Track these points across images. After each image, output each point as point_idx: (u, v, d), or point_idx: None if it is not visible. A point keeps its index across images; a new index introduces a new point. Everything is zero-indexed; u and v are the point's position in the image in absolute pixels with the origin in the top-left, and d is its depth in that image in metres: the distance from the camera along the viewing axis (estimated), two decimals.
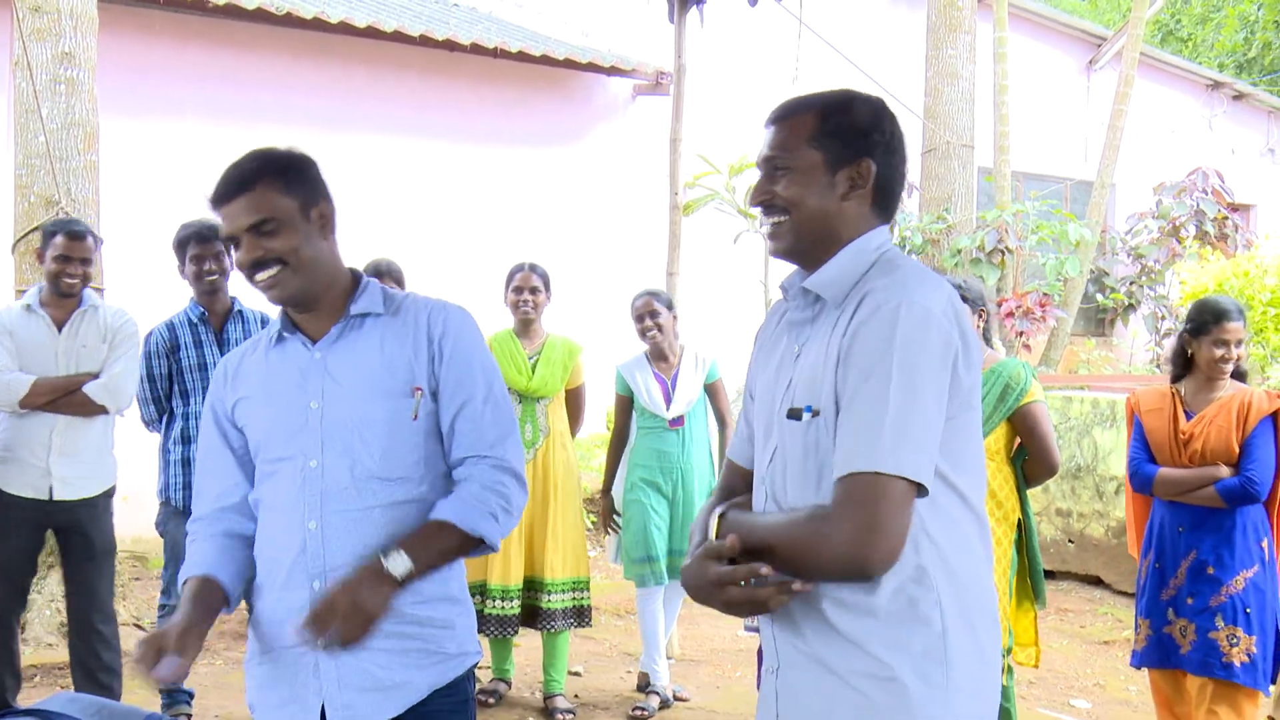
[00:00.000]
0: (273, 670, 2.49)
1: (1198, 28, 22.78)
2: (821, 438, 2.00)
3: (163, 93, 8.73)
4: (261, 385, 2.55)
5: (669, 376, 5.73)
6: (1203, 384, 4.60)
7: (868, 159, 2.08)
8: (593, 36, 11.06)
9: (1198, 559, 4.51)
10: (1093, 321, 13.84)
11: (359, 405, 2.45)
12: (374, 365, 2.48)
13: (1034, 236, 10.20)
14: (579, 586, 5.75)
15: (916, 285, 1.97)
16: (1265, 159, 15.75)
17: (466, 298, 8.48)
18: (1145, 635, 4.64)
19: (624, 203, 10.48)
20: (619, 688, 6.10)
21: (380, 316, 2.52)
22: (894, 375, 1.89)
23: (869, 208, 2.11)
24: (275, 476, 2.49)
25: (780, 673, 2.09)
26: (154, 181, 8.49)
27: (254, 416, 2.54)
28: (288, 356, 2.54)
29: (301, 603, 2.37)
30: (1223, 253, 11.67)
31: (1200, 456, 4.51)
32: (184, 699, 5.23)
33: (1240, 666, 4.39)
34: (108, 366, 4.94)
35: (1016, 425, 4.47)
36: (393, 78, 9.72)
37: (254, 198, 2.40)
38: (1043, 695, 6.03)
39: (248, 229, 2.40)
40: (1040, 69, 13.76)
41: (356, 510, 2.42)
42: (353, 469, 2.43)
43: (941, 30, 9.45)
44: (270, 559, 2.49)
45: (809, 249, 2.13)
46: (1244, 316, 4.57)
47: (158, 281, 7.80)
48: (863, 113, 2.11)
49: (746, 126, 10.41)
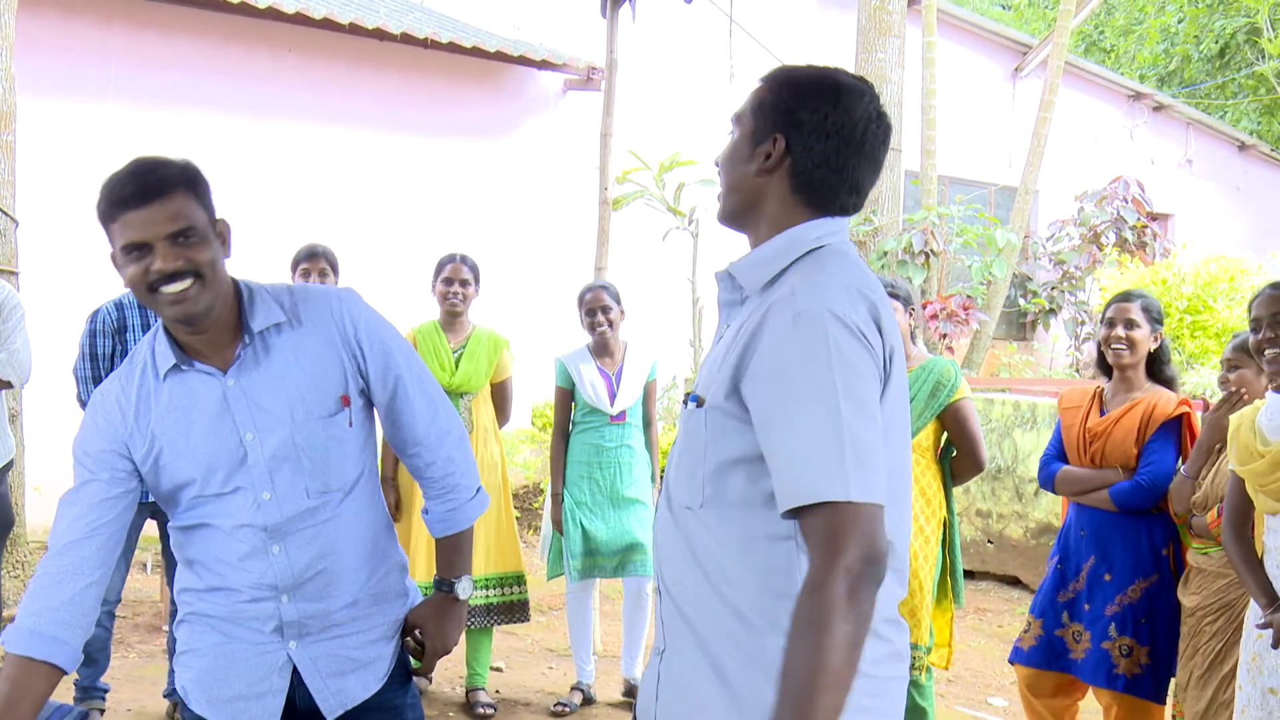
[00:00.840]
0: (226, 664, 2.48)
1: (1120, 39, 23.18)
2: (700, 428, 1.96)
3: (84, 74, 8.56)
4: (175, 422, 2.38)
5: (613, 371, 5.65)
6: (1119, 383, 4.46)
7: (779, 135, 1.98)
8: (524, 30, 11.02)
9: (1096, 565, 4.39)
10: (1014, 325, 14.03)
11: (296, 430, 2.39)
12: (297, 384, 2.40)
13: (958, 240, 10.32)
14: (506, 582, 5.68)
15: (834, 290, 1.87)
16: (1183, 169, 16.06)
17: (392, 288, 8.43)
18: (1035, 634, 4.51)
19: (553, 197, 10.45)
20: (540, 683, 6.08)
21: (283, 328, 2.42)
22: (836, 392, 1.80)
23: (788, 191, 2.00)
24: (219, 508, 2.40)
25: (665, 656, 2.05)
26: (74, 164, 8.33)
27: (178, 456, 2.38)
28: (193, 389, 2.39)
29: (269, 612, 2.44)
30: (1141, 260, 11.88)
31: (1101, 456, 4.38)
32: (98, 695, 5.14)
33: (1131, 678, 4.27)
34: (4, 340, 4.82)
35: (946, 422, 4.51)
36: (322, 65, 9.61)
37: (173, 205, 2.26)
38: (961, 694, 6.09)
39: (165, 237, 2.24)
40: (967, 75, 13.92)
41: (317, 525, 2.43)
42: (306, 491, 2.41)
43: (871, 34, 9.53)
44: (227, 578, 2.44)
45: (738, 219, 2.07)
46: (1151, 310, 4.41)
47: (76, 264, 7.66)
48: (799, 89, 2.00)
49: (677, 123, 10.47)
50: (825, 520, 1.78)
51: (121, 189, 2.26)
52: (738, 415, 1.92)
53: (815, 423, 1.80)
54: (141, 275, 2.26)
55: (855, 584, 1.76)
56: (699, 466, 1.96)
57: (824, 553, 1.78)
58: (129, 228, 2.25)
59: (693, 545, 1.99)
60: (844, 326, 1.84)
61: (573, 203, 10.14)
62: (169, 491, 2.43)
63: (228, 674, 2.48)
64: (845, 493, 1.77)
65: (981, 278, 10.29)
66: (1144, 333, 4.37)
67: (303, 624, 2.46)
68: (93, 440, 2.42)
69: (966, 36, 14.31)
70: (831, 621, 1.74)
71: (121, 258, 2.29)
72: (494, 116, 10.58)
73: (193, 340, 2.37)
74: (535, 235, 10.19)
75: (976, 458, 4.54)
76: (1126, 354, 4.36)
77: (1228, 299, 10.17)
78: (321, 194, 9.45)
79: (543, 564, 6.23)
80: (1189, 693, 4.08)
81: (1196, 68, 21.50)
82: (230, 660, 2.48)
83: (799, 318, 1.85)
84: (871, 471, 1.80)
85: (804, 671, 1.75)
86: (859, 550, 1.76)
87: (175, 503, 2.45)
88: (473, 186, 10.26)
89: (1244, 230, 15.47)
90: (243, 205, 8.97)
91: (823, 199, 2.01)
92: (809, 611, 1.77)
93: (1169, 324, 10.16)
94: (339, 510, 2.46)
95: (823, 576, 1.77)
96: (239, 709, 2.47)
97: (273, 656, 2.47)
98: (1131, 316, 4.35)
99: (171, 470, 2.39)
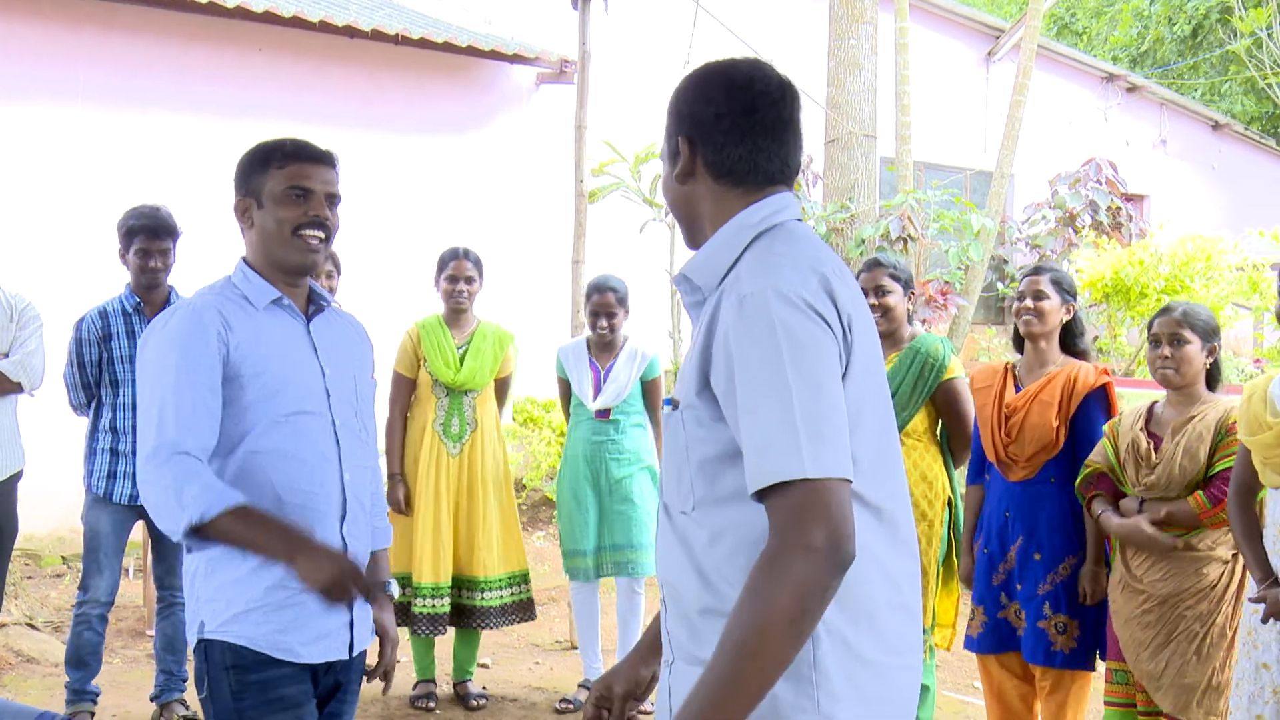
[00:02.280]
0: (304, 610, 2.66)
1: (1093, 21, 23.23)
2: (679, 431, 1.95)
3: (53, 76, 8.48)
4: (268, 342, 2.70)
5: (604, 368, 5.59)
6: (1033, 357, 4.47)
7: (682, 137, 2.01)
8: (495, 24, 10.96)
9: (1025, 543, 4.38)
10: (992, 310, 14.06)
11: (353, 380, 2.86)
12: (350, 346, 2.90)
13: (935, 225, 10.32)
14: (515, 581, 5.65)
15: (781, 269, 1.86)
16: (1158, 150, 16.10)
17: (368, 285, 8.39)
18: (981, 621, 4.52)
19: (528, 191, 10.41)
20: (527, 679, 6.06)
21: (329, 310, 2.90)
22: (785, 371, 1.78)
23: (713, 184, 2.01)
24: (296, 429, 2.69)
25: (673, 666, 2.01)
26: (42, 168, 8.26)
27: (267, 369, 2.67)
28: (284, 323, 2.76)
29: (338, 544, 2.71)
30: (1118, 241, 11.91)
31: (1019, 431, 4.35)
32: (89, 698, 5.12)
33: (1070, 653, 4.31)
34: (19, 345, 4.97)
35: (938, 404, 4.51)
36: (291, 64, 9.54)
37: (335, 175, 2.81)
38: (947, 679, 6.10)
39: (326, 194, 2.75)
40: (940, 60, 13.92)
41: (366, 467, 2.87)
42: (360, 432, 2.85)
43: (844, 20, 9.50)
44: (305, 506, 2.68)
45: (694, 237, 2.08)
46: (1062, 283, 4.43)
47: (45, 267, 7.60)
48: (685, 89, 2.04)
49: (652, 115, 10.41)
50: (786, 500, 1.75)
51: (303, 145, 2.76)
52: (711, 412, 1.90)
53: (767, 404, 1.78)
54: (297, 216, 2.70)
55: (812, 563, 1.71)
56: (684, 469, 1.95)
57: (784, 530, 1.74)
58: (301, 174, 2.71)
59: (690, 549, 1.96)
60: (788, 303, 1.81)
61: (548, 196, 10.11)
62: (254, 400, 2.66)
63: (317, 613, 2.67)
64: (800, 470, 1.74)
65: (959, 263, 10.28)
66: (1053, 303, 4.42)
67: (354, 559, 2.67)
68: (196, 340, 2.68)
69: (939, 21, 14.31)
70: (773, 592, 1.71)
71: (277, 199, 2.70)
72: (467, 112, 10.53)
73: (287, 287, 2.78)
74: (511, 230, 10.15)
75: (970, 435, 4.55)
76: (1036, 323, 4.42)
77: (1205, 279, 10.17)
78: None
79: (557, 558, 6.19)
80: (1169, 681, 4.01)
81: (1169, 48, 21.56)
82: (315, 600, 2.56)
83: (743, 301, 1.84)
84: (829, 446, 1.76)
85: (731, 638, 1.72)
86: (823, 529, 1.72)
87: (255, 422, 2.66)
88: (447, 182, 10.21)
89: (1219, 209, 15.51)
90: (214, 207, 8.91)
91: (747, 175, 2.00)
92: (754, 580, 1.74)
93: (1146, 305, 10.17)
94: (375, 462, 2.97)
95: (778, 550, 1.74)
96: (325, 646, 2.72)
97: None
98: (1040, 288, 4.42)
99: (261, 380, 2.66)
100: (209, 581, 2.67)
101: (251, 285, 2.74)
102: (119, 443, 5.03)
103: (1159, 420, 4.17)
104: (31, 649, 6.07)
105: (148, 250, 5.03)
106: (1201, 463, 3.99)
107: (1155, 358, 4.11)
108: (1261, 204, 15.25)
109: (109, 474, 5.03)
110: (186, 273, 5.05)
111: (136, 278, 5.09)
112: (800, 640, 1.73)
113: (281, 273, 2.75)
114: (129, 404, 4.99)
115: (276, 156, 2.72)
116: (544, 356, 6.27)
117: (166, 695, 5.24)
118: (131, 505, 5.04)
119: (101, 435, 5.07)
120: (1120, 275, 10.28)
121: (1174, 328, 4.08)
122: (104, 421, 5.08)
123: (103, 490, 5.04)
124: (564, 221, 8.52)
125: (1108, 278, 10.34)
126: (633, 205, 9.65)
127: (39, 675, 5.84)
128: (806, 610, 1.72)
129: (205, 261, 7.01)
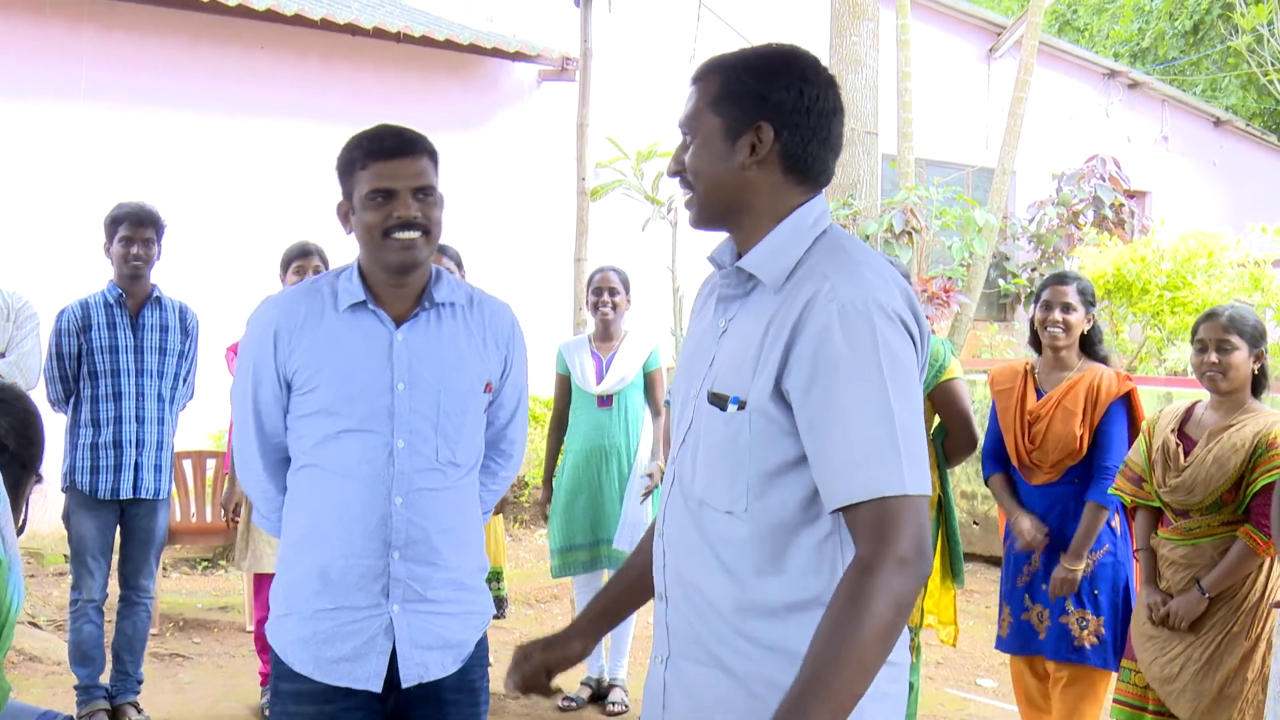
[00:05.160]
0: (335, 626, 2.56)
1: (1094, 17, 23.21)
2: (742, 432, 1.89)
3: (55, 75, 8.47)
4: (334, 351, 2.57)
5: (605, 356, 5.59)
6: (1051, 361, 4.45)
7: (765, 123, 1.91)
8: (498, 22, 10.96)
9: (1049, 547, 4.37)
10: (994, 307, 14.05)
11: (443, 395, 2.61)
12: (458, 358, 2.65)
13: (938, 222, 10.32)
14: (489, 579, 5.65)
15: (873, 279, 1.85)
16: (1159, 146, 16.08)
17: None
18: (1007, 622, 4.52)
19: (531, 189, 10.40)
20: None
21: (459, 309, 2.69)
22: (886, 386, 1.79)
23: (780, 176, 1.94)
24: (347, 446, 2.55)
25: (671, 662, 2.00)
26: (46, 165, 8.26)
27: (326, 382, 2.56)
28: (363, 328, 2.59)
29: (378, 570, 2.55)
30: (1120, 238, 11.91)
31: (1043, 439, 4.34)
32: (100, 694, 5.04)
33: (1091, 649, 4.30)
34: (15, 344, 4.89)
35: (936, 403, 4.51)
36: (294, 62, 9.54)
37: (421, 163, 2.56)
38: (950, 676, 6.10)
39: (411, 189, 2.53)
40: (942, 57, 13.90)
41: (435, 491, 2.60)
42: (436, 454, 2.60)
43: (845, 17, 9.49)
44: (341, 525, 2.55)
45: (722, 221, 2.01)
46: (1086, 293, 4.41)
47: (46, 265, 7.60)
48: (765, 71, 1.94)
49: (655, 111, 10.41)
50: (879, 511, 1.79)
51: (381, 141, 2.55)
52: (783, 418, 1.87)
53: (868, 418, 1.79)
54: (381, 220, 2.52)
55: (906, 575, 1.77)
56: (741, 471, 1.90)
57: (877, 540, 1.78)
58: (381, 175, 2.52)
59: (716, 548, 1.93)
60: (888, 318, 1.83)
61: (551, 194, 10.10)
62: (309, 414, 2.58)
63: (333, 635, 2.55)
64: (901, 486, 1.78)
65: (962, 258, 10.28)
66: (1079, 316, 4.41)
67: (408, 586, 2.56)
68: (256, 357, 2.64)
69: (941, 18, 14.30)
70: (874, 604, 1.74)
71: (362, 204, 2.54)
72: (469, 109, 10.52)
73: (389, 288, 2.61)
74: (514, 227, 10.14)
75: (969, 438, 4.55)
76: (1062, 337, 4.40)
77: (1206, 275, 10.18)
78: (297, 192, 9.37)
79: (528, 556, 6.20)
80: (1182, 685, 3.97)
81: (1170, 44, 21.54)
82: (336, 622, 2.54)
83: (845, 311, 1.82)
84: (922, 463, 1.81)
85: (834, 645, 1.74)
86: (912, 541, 1.78)
87: (305, 434, 2.59)
88: (449, 180, 10.09)
89: (1221, 205, 15.49)
90: (218, 205, 8.92)
91: (815, 175, 1.97)
92: (854, 589, 1.76)
93: (1149, 301, 10.18)
94: (459, 484, 2.66)
95: (875, 561, 1.77)
96: (345, 670, 2.56)
97: (378, 619, 2.55)
98: (1068, 300, 4.39)
99: (318, 393, 2.56)
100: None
101: (343, 285, 2.63)
102: (99, 435, 4.95)
103: (1197, 422, 4.07)
104: (34, 647, 6.07)
105: (130, 238, 4.97)
106: (1230, 473, 3.87)
107: (1201, 364, 3.97)
108: (1263, 200, 15.25)
109: (91, 468, 4.95)
110: (187, 272, 5.04)
111: (119, 268, 5.03)
112: (889, 651, 1.78)
113: (384, 274, 2.60)
114: (108, 395, 4.95)
115: (358, 157, 2.57)
116: (545, 354, 6.27)
117: (121, 697, 5.12)
118: (114, 500, 5.00)
119: (83, 430, 4.99)
120: (1122, 272, 10.28)
121: (1221, 333, 3.93)
122: (84, 415, 4.99)
123: (86, 486, 4.96)
124: (566, 219, 8.53)
125: (1109, 274, 10.34)
126: (635, 203, 9.64)
127: (41, 674, 5.84)
128: (898, 621, 1.77)
129: (205, 260, 6.98)
